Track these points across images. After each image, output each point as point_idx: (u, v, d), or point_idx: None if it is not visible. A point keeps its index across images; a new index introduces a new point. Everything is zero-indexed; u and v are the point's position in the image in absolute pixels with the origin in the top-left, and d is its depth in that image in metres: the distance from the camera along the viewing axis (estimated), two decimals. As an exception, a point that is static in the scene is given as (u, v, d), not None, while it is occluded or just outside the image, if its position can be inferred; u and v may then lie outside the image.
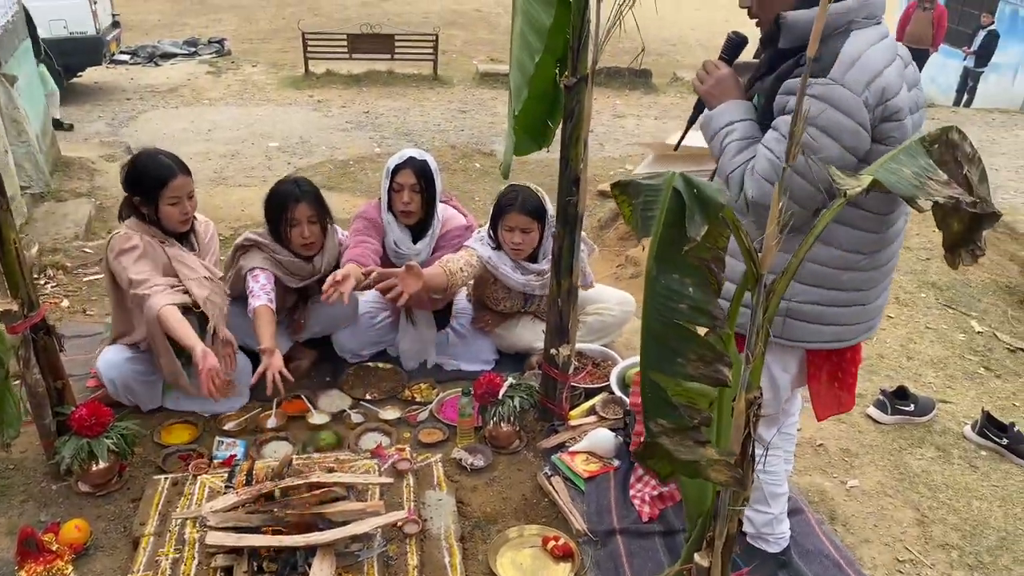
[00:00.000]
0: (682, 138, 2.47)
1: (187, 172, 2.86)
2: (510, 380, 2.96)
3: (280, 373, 2.78)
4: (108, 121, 9.29)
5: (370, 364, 3.38)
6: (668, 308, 1.41)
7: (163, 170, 2.79)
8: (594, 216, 5.85)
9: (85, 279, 4.15)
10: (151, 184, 2.79)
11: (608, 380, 3.23)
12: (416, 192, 3.15)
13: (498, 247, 3.20)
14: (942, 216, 1.78)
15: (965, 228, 1.75)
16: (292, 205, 3.02)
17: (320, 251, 3.17)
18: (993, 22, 12.29)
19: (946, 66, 12.60)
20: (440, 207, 3.34)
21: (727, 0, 16.96)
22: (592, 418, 3.06)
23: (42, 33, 9.61)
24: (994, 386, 3.62)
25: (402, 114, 10.11)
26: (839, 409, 2.17)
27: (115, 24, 10.75)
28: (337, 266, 3.21)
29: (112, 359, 2.90)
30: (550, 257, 2.99)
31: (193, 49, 12.70)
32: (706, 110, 2.08)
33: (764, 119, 1.95)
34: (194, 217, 2.98)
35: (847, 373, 2.19)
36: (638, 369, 1.53)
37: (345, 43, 11.32)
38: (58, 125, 7.99)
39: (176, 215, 2.84)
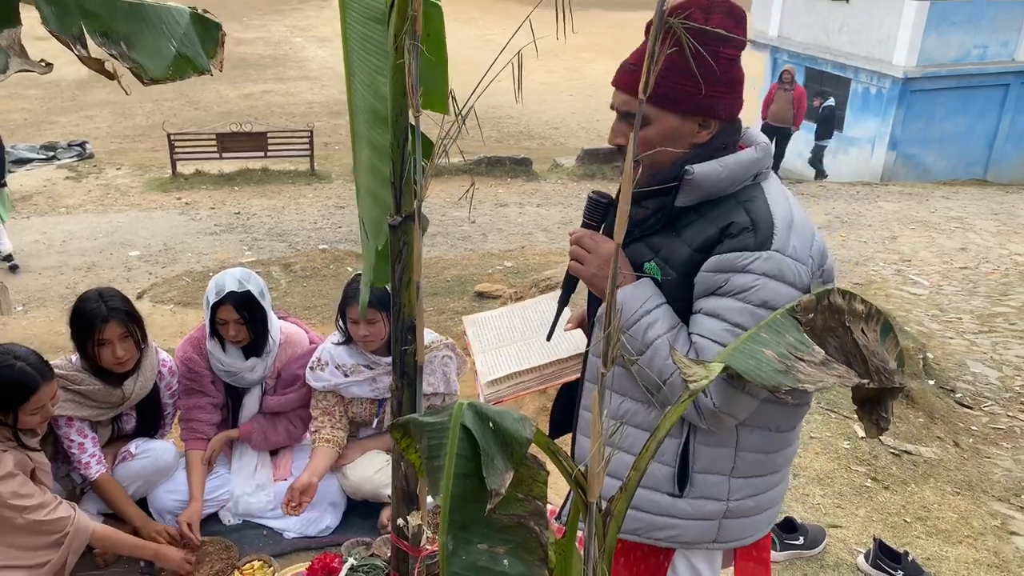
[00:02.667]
0: (553, 327, 1.92)
1: (51, 376, 2.53)
2: (351, 561, 2.55)
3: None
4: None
5: (196, 541, 2.89)
6: (477, 595, 1.07)
7: (29, 381, 2.46)
8: (471, 322, 5.57)
9: None
10: (10, 399, 2.45)
11: (472, 538, 2.86)
12: (241, 324, 2.92)
13: (348, 340, 2.99)
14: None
15: (873, 393, 1.47)
16: (101, 325, 2.71)
17: (135, 372, 2.84)
18: (825, 101, 13.03)
19: (809, 142, 13.22)
20: (279, 323, 3.12)
21: (601, 82, 17.51)
22: (452, 591, 2.67)
23: None
24: (883, 500, 3.44)
25: (276, 213, 9.71)
26: None
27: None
28: (154, 393, 2.96)
29: None
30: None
31: (52, 153, 11.98)
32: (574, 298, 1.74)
33: (675, 294, 1.61)
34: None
35: (764, 548, 1.89)
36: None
37: (215, 142, 10.88)
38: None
39: (37, 421, 2.54)
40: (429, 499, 2.88)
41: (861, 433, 3.89)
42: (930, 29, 12.92)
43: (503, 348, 1.93)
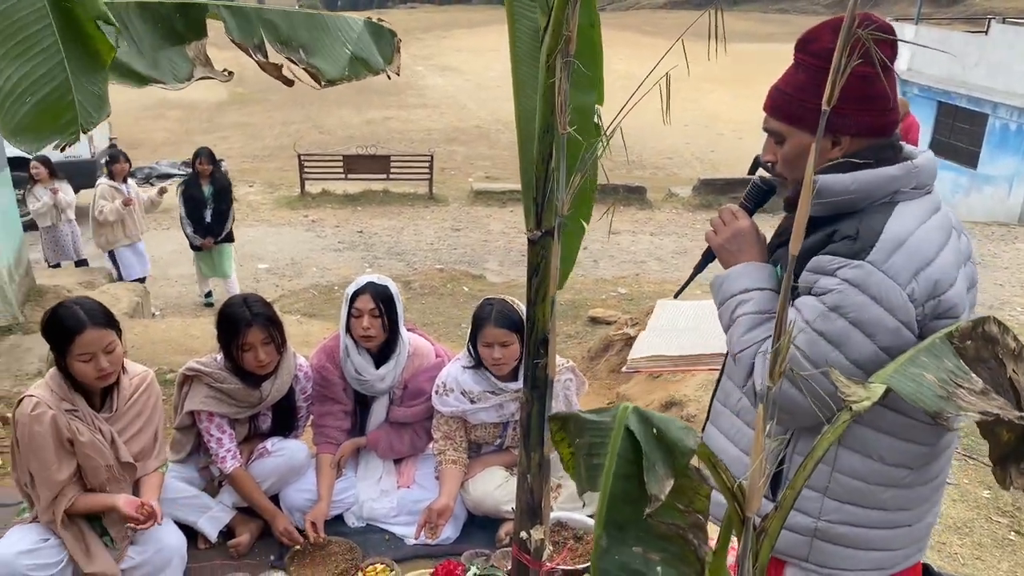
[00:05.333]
0: (683, 287, 2.09)
1: (105, 324, 2.54)
2: (473, 570, 2.58)
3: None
4: (99, 243, 9.17)
5: (320, 539, 3.00)
6: (624, 596, 1.07)
7: (72, 323, 2.49)
8: (584, 345, 5.57)
9: (24, 432, 3.80)
10: (60, 338, 2.51)
11: (590, 559, 2.84)
12: (375, 317, 3.02)
13: (478, 364, 3.02)
14: (987, 423, 1.44)
15: (1017, 439, 1.38)
16: (244, 329, 2.84)
17: (273, 375, 2.97)
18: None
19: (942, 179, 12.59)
20: (408, 335, 3.21)
21: (718, 113, 17.24)
22: (570, 609, 2.66)
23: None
24: (1028, 555, 3.21)
25: (396, 233, 10.02)
26: None
27: (112, 147, 10.82)
28: (290, 396, 3.08)
29: (2, 555, 2.54)
30: None
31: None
32: (719, 269, 1.77)
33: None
34: (123, 371, 2.69)
35: None
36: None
37: (341, 164, 11.37)
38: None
39: (90, 372, 2.53)
40: (552, 514, 2.90)
41: (1004, 483, 3.65)
42: (1078, 63, 12.16)
43: (671, 332, 1.98)
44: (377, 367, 3.11)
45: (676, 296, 2.14)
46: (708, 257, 1.85)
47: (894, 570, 1.73)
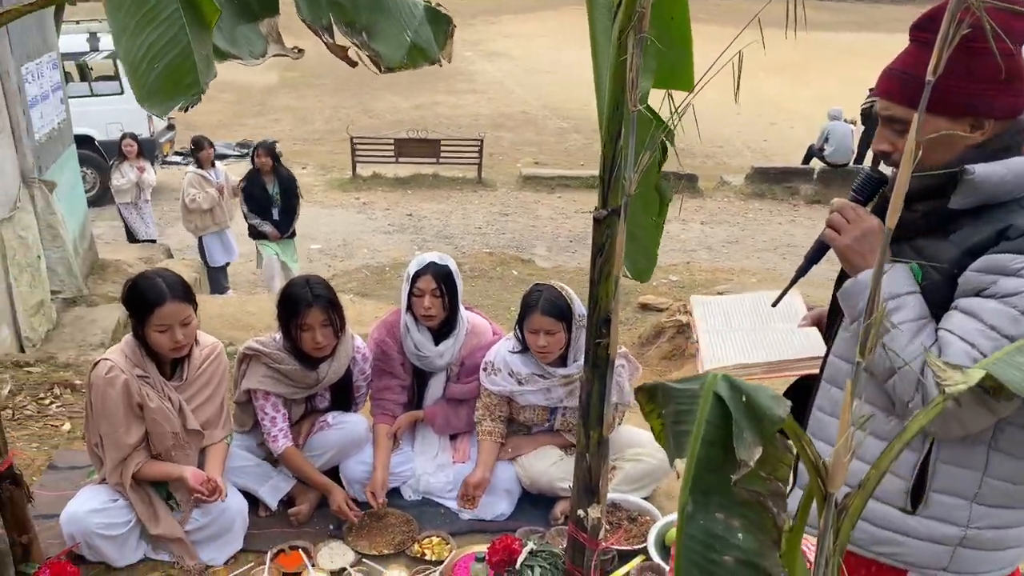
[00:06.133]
0: (783, 294, 1.89)
1: (183, 298, 2.63)
2: (530, 545, 2.60)
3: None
4: (155, 221, 9.40)
5: (378, 510, 3.05)
6: (707, 560, 1.08)
7: (153, 294, 2.57)
8: (633, 332, 5.55)
9: (93, 399, 3.93)
10: (140, 308, 2.59)
11: (645, 540, 2.84)
12: (437, 296, 3.06)
13: (524, 350, 3.02)
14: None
15: None
16: (304, 310, 2.87)
17: (330, 357, 2.99)
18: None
19: None
20: (467, 313, 3.26)
21: (770, 101, 16.91)
22: (625, 589, 2.67)
23: (98, 136, 9.96)
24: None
25: (445, 217, 10.07)
26: None
27: (170, 127, 11.07)
28: (347, 377, 3.11)
29: (74, 512, 2.63)
30: (580, 362, 2.78)
31: (245, 151, 13.00)
32: (840, 274, 1.65)
33: (933, 298, 1.52)
34: (196, 343, 2.76)
35: None
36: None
37: (392, 147, 11.46)
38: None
39: (166, 343, 2.61)
40: (609, 495, 2.91)
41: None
42: None
43: (731, 333, 1.91)
44: (436, 344, 3.15)
45: (775, 304, 1.89)
46: (814, 258, 1.74)
47: (1015, 566, 1.68)
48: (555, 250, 9.06)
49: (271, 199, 7.02)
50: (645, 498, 3.15)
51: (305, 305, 2.86)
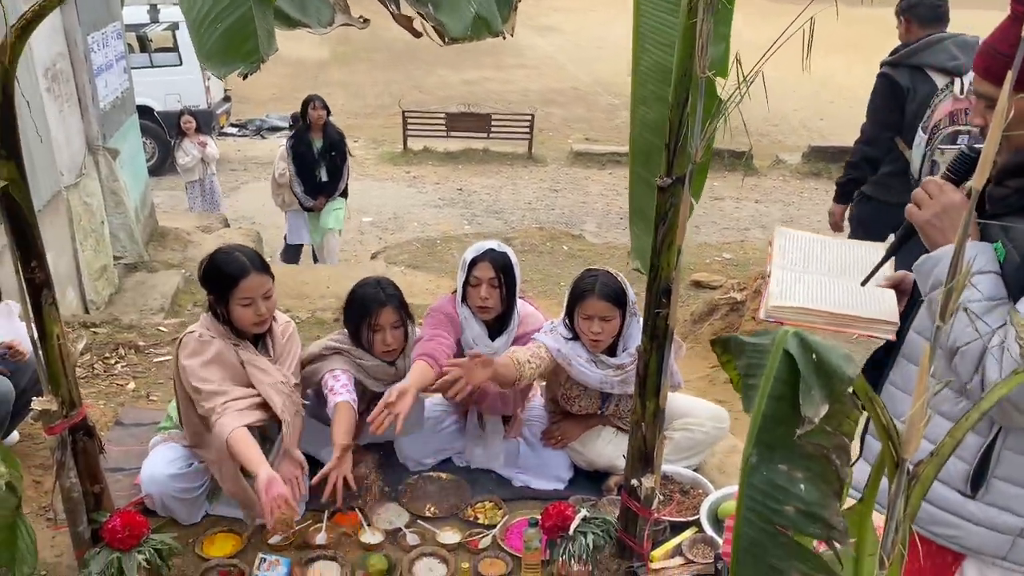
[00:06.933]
0: (873, 273, 1.77)
1: (263, 270, 2.64)
2: (583, 512, 2.61)
3: (345, 480, 2.62)
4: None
5: (432, 475, 3.10)
6: (769, 510, 1.09)
7: (235, 268, 2.59)
8: (686, 309, 5.50)
9: (155, 360, 4.07)
10: (223, 283, 2.61)
11: (697, 513, 2.84)
12: (494, 287, 2.94)
13: (574, 337, 2.93)
14: None
15: None
16: (376, 310, 2.85)
17: (402, 354, 2.99)
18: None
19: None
20: (519, 303, 3.13)
21: (828, 79, 16.46)
22: (677, 560, 2.68)
23: (157, 106, 10.15)
24: None
25: (495, 192, 10.08)
26: None
27: (226, 99, 11.24)
28: None
29: (155, 474, 2.71)
30: (632, 351, 2.73)
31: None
32: (922, 249, 1.60)
33: (1017, 280, 1.47)
34: (273, 318, 2.78)
35: None
36: (733, 502, 1.20)
37: (443, 121, 11.48)
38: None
39: (249, 317, 2.62)
40: (664, 467, 2.89)
41: None
42: None
43: (805, 275, 1.84)
44: (492, 339, 3.05)
45: (864, 284, 1.78)
46: (905, 237, 1.69)
47: None
48: (605, 226, 9.01)
49: (316, 157, 6.66)
50: (695, 470, 3.14)
51: (378, 304, 2.84)
